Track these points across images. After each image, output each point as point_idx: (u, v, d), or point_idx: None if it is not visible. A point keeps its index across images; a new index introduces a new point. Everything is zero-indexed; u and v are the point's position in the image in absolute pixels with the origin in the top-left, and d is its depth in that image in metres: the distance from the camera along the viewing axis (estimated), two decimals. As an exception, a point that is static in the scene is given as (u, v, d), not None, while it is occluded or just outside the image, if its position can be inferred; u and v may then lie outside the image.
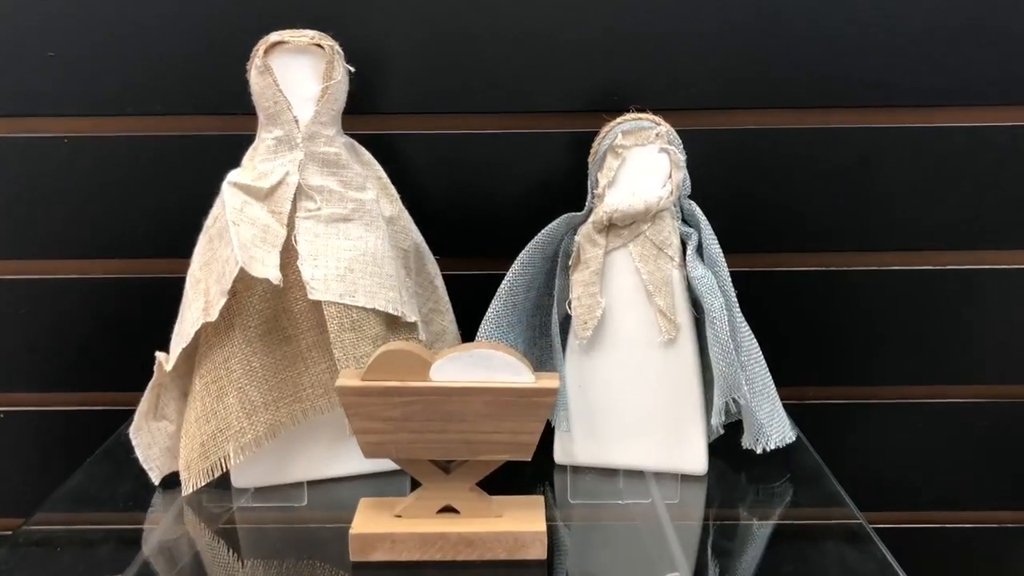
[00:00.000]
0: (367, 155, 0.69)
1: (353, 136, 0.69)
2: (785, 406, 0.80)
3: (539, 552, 0.57)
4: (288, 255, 0.63)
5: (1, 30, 0.74)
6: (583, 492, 0.67)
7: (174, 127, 0.76)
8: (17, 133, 0.76)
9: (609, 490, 0.67)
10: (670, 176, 0.65)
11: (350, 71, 0.65)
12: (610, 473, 0.68)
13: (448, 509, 0.59)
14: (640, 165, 0.65)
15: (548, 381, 0.56)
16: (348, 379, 0.56)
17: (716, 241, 0.66)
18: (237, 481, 0.66)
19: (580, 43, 0.75)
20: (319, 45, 0.63)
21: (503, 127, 0.76)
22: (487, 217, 0.78)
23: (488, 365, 0.55)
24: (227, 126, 0.75)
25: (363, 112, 0.74)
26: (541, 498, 0.61)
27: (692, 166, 0.66)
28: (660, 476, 0.68)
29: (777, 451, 0.69)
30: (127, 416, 0.69)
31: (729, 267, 0.78)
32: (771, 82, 0.76)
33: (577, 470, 0.69)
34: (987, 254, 0.80)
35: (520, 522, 0.58)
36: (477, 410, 0.55)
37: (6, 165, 0.76)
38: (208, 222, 0.64)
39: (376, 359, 0.55)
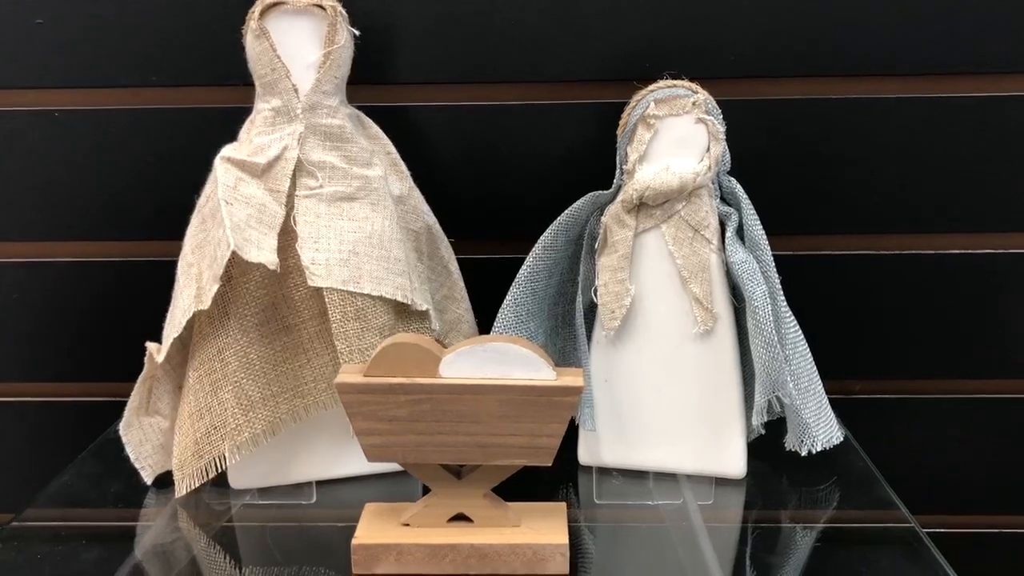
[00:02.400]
0: (375, 128, 0.63)
1: (361, 108, 0.64)
2: (830, 402, 0.75)
3: (560, 567, 0.52)
4: (287, 237, 0.57)
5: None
6: (609, 494, 0.62)
7: (172, 99, 0.71)
8: (3, 106, 0.71)
9: (638, 492, 0.62)
10: (708, 150, 0.59)
11: (355, 35, 0.60)
12: (640, 475, 0.63)
13: (461, 517, 0.53)
14: (675, 137, 0.59)
15: (571, 378, 0.50)
16: (349, 375, 0.50)
17: (759, 222, 0.60)
18: (235, 482, 0.61)
19: (609, 5, 0.69)
20: (320, 6, 0.57)
21: (525, 98, 0.70)
22: (507, 197, 0.72)
23: (504, 360, 0.50)
24: (229, 98, 0.70)
25: (372, 82, 0.68)
26: (563, 505, 0.55)
27: (732, 139, 0.60)
28: (695, 479, 0.62)
29: (821, 452, 0.64)
30: (123, 408, 0.64)
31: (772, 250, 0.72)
32: (820, 47, 0.69)
33: (603, 471, 0.64)
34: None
35: (540, 533, 0.52)
36: (492, 410, 0.50)
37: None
38: (201, 201, 0.59)
39: (380, 353, 0.50)
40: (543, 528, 0.53)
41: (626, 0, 0.69)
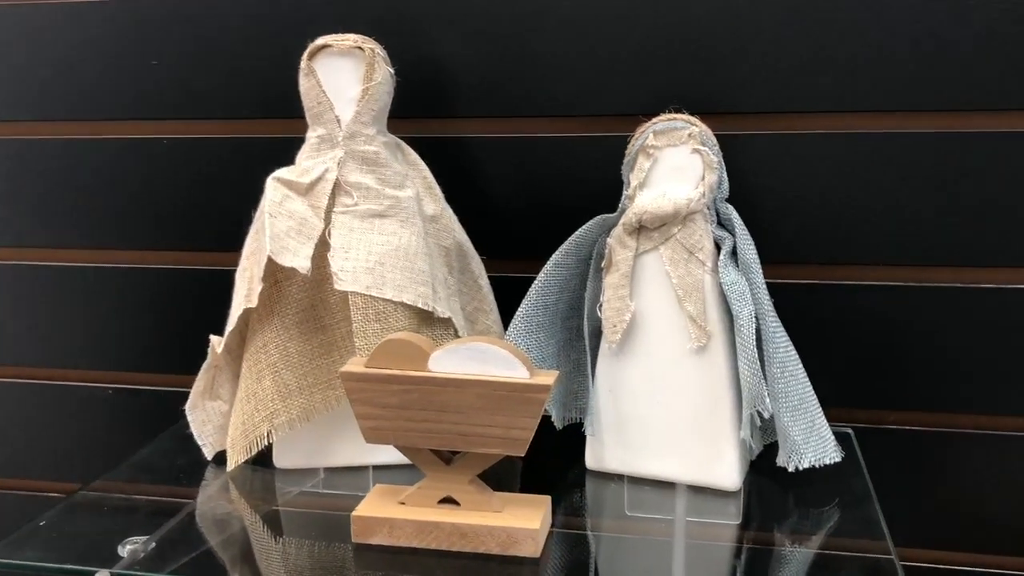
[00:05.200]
0: (414, 155, 0.71)
1: (407, 138, 0.72)
2: (862, 431, 0.76)
3: (531, 550, 0.57)
4: (326, 247, 0.66)
5: (113, 42, 0.82)
6: (604, 500, 0.66)
7: (257, 130, 0.81)
8: (126, 135, 0.83)
9: (640, 500, 0.65)
10: (703, 178, 0.63)
11: (392, 73, 0.68)
12: (648, 483, 0.67)
13: (451, 501, 0.59)
14: (672, 166, 0.64)
15: (542, 378, 0.56)
16: (353, 366, 0.58)
17: (752, 246, 0.63)
18: (279, 462, 0.70)
19: (638, 47, 0.74)
20: (360, 48, 0.66)
21: (555, 131, 0.76)
22: (537, 219, 0.78)
23: (482, 358, 0.56)
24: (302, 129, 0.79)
25: (417, 116, 0.77)
26: (547, 498, 0.60)
27: (761, 171, 0.63)
28: (696, 492, 0.65)
29: (831, 476, 0.66)
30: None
31: (798, 279, 0.75)
32: (845, 84, 0.72)
33: (615, 479, 0.68)
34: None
35: (516, 519, 0.58)
36: (470, 402, 0.56)
37: (118, 163, 0.84)
38: (256, 215, 0.69)
39: (379, 348, 0.57)
40: (521, 514, 0.58)
41: (655, 42, 0.74)
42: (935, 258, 0.74)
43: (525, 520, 0.57)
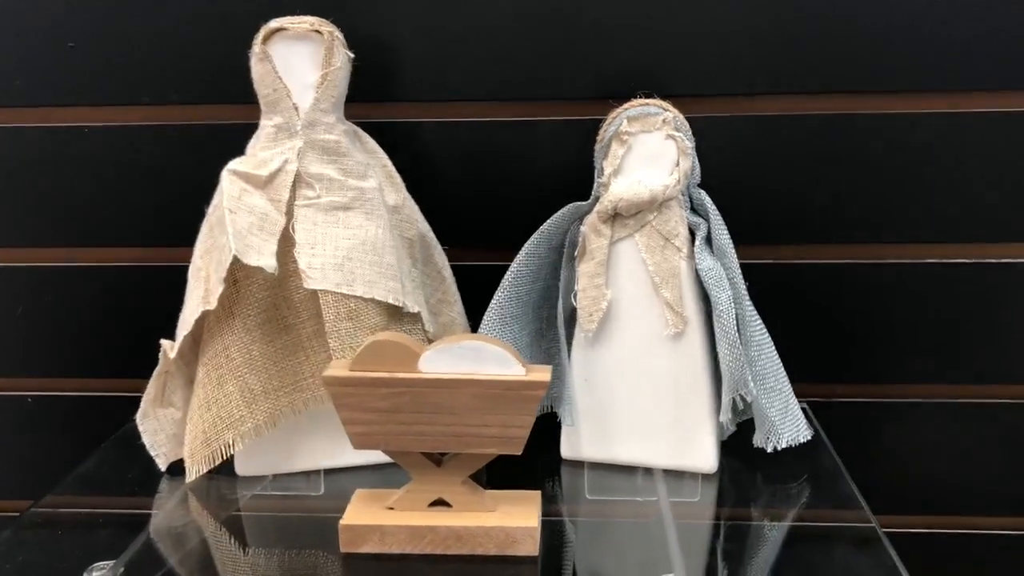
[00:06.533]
0: (372, 143, 0.68)
1: (361, 124, 0.68)
2: (813, 404, 0.78)
3: (530, 548, 0.56)
4: (287, 243, 0.62)
5: (24, 21, 0.75)
6: (587, 488, 0.66)
7: (189, 116, 0.76)
8: (39, 123, 0.77)
9: (615, 486, 0.65)
10: (677, 164, 0.63)
11: (351, 57, 0.64)
12: (619, 469, 0.67)
13: (441, 503, 0.58)
14: (646, 152, 0.63)
15: (538, 374, 0.54)
16: (336, 369, 0.55)
17: (726, 231, 0.64)
18: (241, 470, 0.66)
19: (597, 29, 0.73)
20: (318, 31, 0.62)
21: (516, 115, 0.75)
22: (499, 207, 0.76)
23: (476, 357, 0.54)
24: (246, 115, 0.74)
25: (372, 99, 0.73)
26: (538, 493, 0.60)
27: (724, 154, 0.63)
28: (670, 474, 0.66)
29: (797, 451, 0.67)
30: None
31: (757, 259, 0.76)
32: (802, 68, 0.73)
33: (588, 466, 0.67)
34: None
35: (512, 517, 0.56)
36: (465, 403, 0.54)
37: (30, 154, 0.77)
38: (209, 210, 0.65)
39: (364, 349, 0.55)
40: (515, 513, 0.57)
41: (614, 24, 0.73)
42: (881, 235, 0.76)
43: (521, 518, 0.56)
